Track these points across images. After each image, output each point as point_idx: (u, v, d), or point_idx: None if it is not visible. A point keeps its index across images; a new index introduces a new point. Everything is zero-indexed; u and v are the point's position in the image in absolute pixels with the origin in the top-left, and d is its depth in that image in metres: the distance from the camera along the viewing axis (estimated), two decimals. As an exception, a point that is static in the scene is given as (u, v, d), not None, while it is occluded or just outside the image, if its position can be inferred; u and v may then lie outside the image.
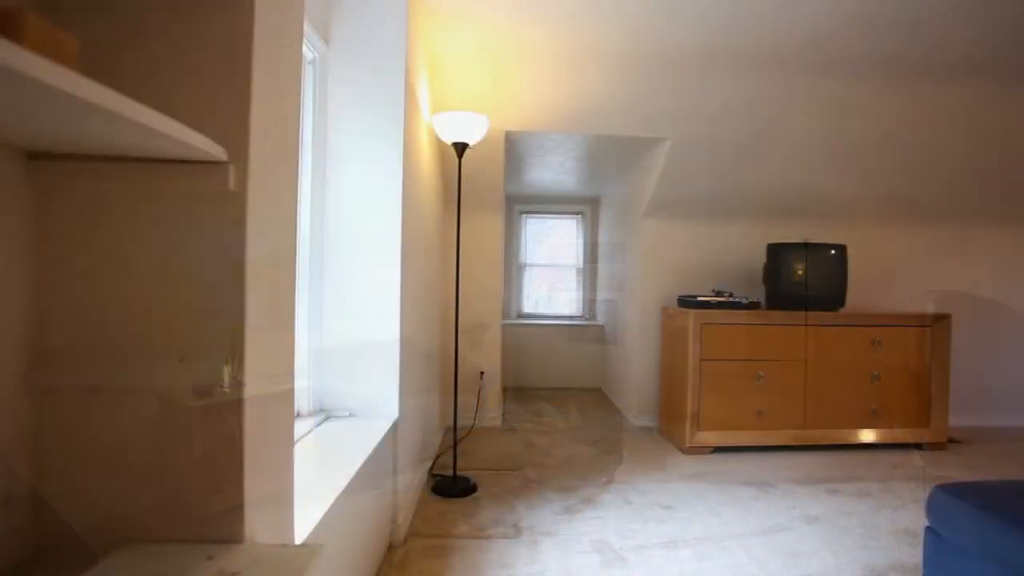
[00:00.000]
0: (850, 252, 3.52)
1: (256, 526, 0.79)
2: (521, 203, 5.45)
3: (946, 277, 4.02)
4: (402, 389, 2.04)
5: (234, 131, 0.83)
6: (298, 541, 1.00)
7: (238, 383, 0.76)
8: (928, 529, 1.71)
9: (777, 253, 3.44)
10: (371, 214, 1.98)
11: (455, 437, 2.67)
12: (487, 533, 2.14)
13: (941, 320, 3.39)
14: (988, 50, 2.51)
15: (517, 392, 4.79)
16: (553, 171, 4.36)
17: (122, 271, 0.79)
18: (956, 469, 3.02)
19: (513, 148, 3.68)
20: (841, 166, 3.43)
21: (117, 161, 0.75)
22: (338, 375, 1.98)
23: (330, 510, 1.21)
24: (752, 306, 3.32)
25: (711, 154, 3.29)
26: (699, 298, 3.33)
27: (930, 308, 3.92)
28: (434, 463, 2.87)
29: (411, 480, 2.31)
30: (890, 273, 3.97)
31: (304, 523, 1.11)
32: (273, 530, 0.86)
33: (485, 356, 3.70)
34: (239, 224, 0.82)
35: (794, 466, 2.99)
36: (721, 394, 3.19)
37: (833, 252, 3.45)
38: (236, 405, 0.76)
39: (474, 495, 2.50)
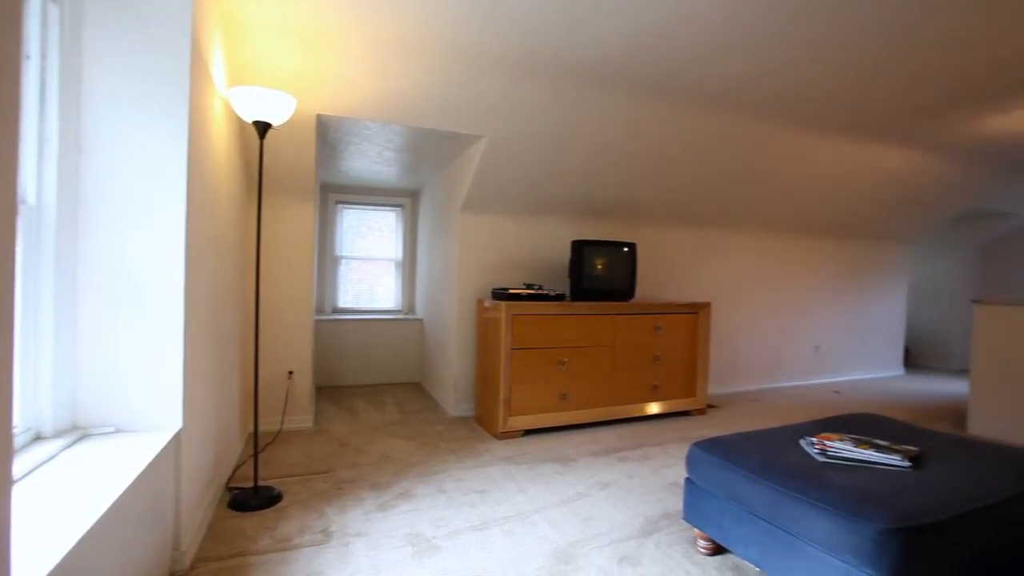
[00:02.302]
0: (639, 250, 4.05)
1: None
2: (337, 193, 5.17)
3: (709, 271, 4.87)
4: (187, 395, 1.79)
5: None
6: (20, 592, 0.81)
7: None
8: (687, 480, 2.05)
9: (580, 249, 3.79)
10: (146, 184, 1.68)
11: (256, 444, 2.43)
12: (292, 543, 1.99)
13: (704, 307, 4.08)
14: (746, 87, 3.06)
15: (331, 391, 4.55)
16: (371, 161, 4.21)
17: None
18: (712, 428, 3.67)
19: (327, 134, 3.46)
20: (630, 174, 3.91)
21: None
22: (100, 382, 1.66)
23: (73, 552, 1.01)
24: (558, 298, 3.61)
25: (523, 154, 3.49)
26: (511, 291, 3.52)
27: (697, 297, 4.72)
28: (232, 475, 2.58)
29: (200, 498, 2.04)
30: (668, 268, 4.66)
31: (33, 573, 0.90)
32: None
33: (294, 354, 3.44)
34: (-91, 195, 0.63)
35: (593, 440, 3.34)
36: (530, 380, 3.42)
37: (626, 249, 3.92)
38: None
39: (278, 505, 2.31)
